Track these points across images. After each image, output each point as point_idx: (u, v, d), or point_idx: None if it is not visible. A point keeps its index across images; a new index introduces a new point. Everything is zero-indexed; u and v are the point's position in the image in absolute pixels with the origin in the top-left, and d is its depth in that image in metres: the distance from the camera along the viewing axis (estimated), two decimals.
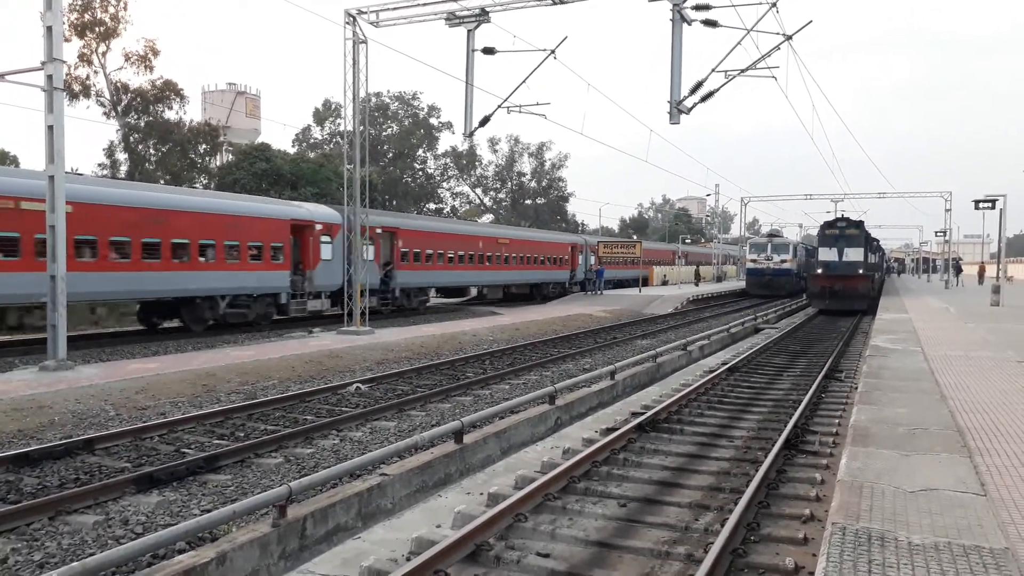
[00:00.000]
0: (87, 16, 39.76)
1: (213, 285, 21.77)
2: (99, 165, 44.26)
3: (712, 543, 5.83)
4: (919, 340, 16.77)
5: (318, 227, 25.41)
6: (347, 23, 20.61)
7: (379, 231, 27.81)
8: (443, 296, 40.74)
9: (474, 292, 42.46)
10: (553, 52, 19.42)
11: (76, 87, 39.70)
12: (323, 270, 25.43)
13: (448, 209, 77.48)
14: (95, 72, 41.13)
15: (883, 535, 4.98)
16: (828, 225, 34.15)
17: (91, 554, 5.97)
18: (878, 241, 46.03)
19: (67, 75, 35.02)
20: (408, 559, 5.79)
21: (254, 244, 23.04)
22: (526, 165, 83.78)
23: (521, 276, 40.48)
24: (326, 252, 25.58)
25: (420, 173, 75.13)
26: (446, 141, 76.23)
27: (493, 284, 39.52)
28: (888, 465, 6.70)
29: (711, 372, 15.12)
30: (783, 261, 44.70)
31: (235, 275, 22.39)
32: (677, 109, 16.84)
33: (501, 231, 42.82)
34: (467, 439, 9.35)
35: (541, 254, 41.88)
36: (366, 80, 21.22)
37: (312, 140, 70.59)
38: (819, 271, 33.21)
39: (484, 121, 21.10)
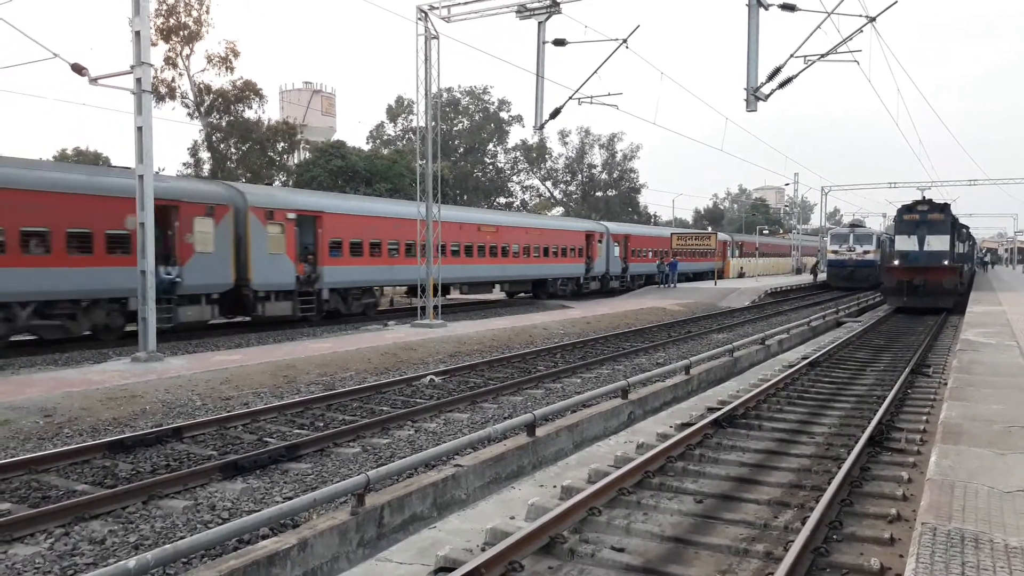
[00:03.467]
0: (172, 20, 41.37)
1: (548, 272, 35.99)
2: (183, 164, 46.12)
3: (792, 541, 5.68)
4: (1014, 334, 15.93)
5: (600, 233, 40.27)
6: (419, 19, 20.83)
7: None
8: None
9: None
10: (625, 42, 19.20)
11: (162, 89, 41.38)
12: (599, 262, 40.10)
13: (518, 203, 77.66)
14: (180, 74, 42.80)
15: (977, 536, 4.75)
16: (906, 209, 29.13)
17: (182, 537, 6.23)
18: (967, 228, 40.97)
19: (154, 78, 36.51)
20: (483, 549, 5.83)
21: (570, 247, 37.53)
22: (597, 157, 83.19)
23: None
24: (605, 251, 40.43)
25: (490, 167, 75.51)
26: (516, 134, 76.36)
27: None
28: (982, 464, 6.39)
29: (790, 367, 14.72)
30: (866, 252, 42.90)
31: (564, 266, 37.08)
32: (754, 96, 16.43)
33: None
34: (539, 432, 9.36)
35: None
36: (438, 76, 21.42)
37: (385, 136, 71.77)
38: (896, 262, 28.67)
39: (555, 113, 21.04)
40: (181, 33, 41.78)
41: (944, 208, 28.99)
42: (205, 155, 45.41)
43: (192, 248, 19.75)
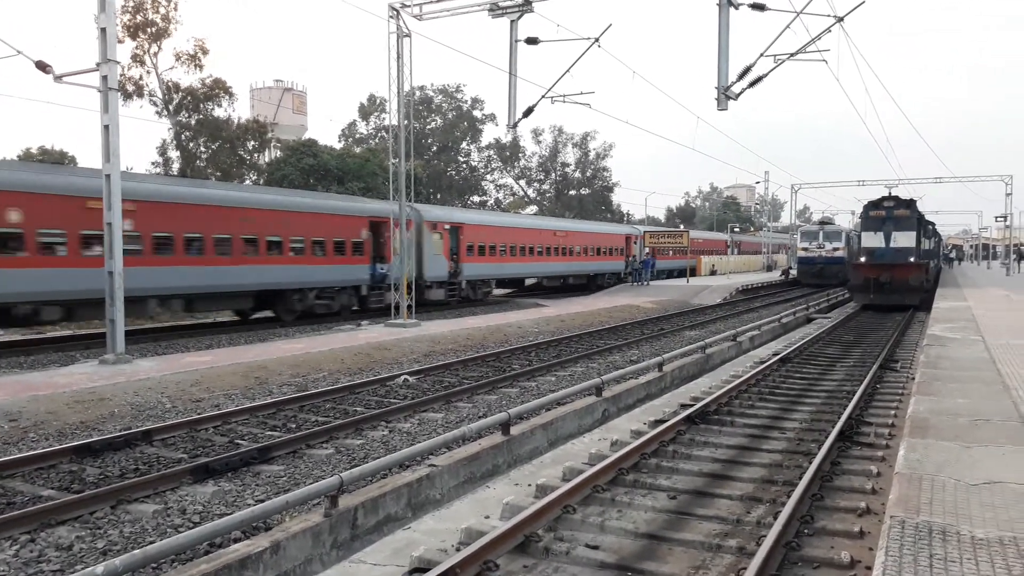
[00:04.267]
0: (139, 17, 40.68)
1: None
2: (152, 163, 45.41)
3: (765, 536, 5.74)
4: (979, 328, 16.24)
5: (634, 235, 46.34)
6: (391, 17, 20.71)
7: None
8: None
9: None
10: (597, 40, 19.24)
11: (130, 87, 40.67)
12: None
13: (492, 201, 77.59)
14: (147, 72, 42.05)
15: (944, 529, 4.83)
16: (873, 205, 28.59)
17: (151, 542, 6.14)
18: (934, 225, 40.77)
19: (121, 75, 35.90)
20: (458, 549, 5.82)
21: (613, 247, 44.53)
22: (570, 155, 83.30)
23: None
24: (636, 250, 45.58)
25: (464, 166, 75.35)
26: (489, 133, 76.21)
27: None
28: (949, 457, 6.50)
29: (762, 363, 14.88)
30: (835, 249, 43.44)
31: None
32: (725, 95, 16.56)
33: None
34: (514, 431, 9.36)
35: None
36: (410, 74, 21.33)
37: (358, 135, 71.28)
38: (862, 259, 28.23)
39: (528, 112, 21.04)
40: (149, 30, 41.07)
41: (910, 204, 28.61)
42: (174, 154, 44.77)
43: (392, 250, 26.48)
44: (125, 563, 4.84)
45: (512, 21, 20.08)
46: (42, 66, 14.43)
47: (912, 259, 27.62)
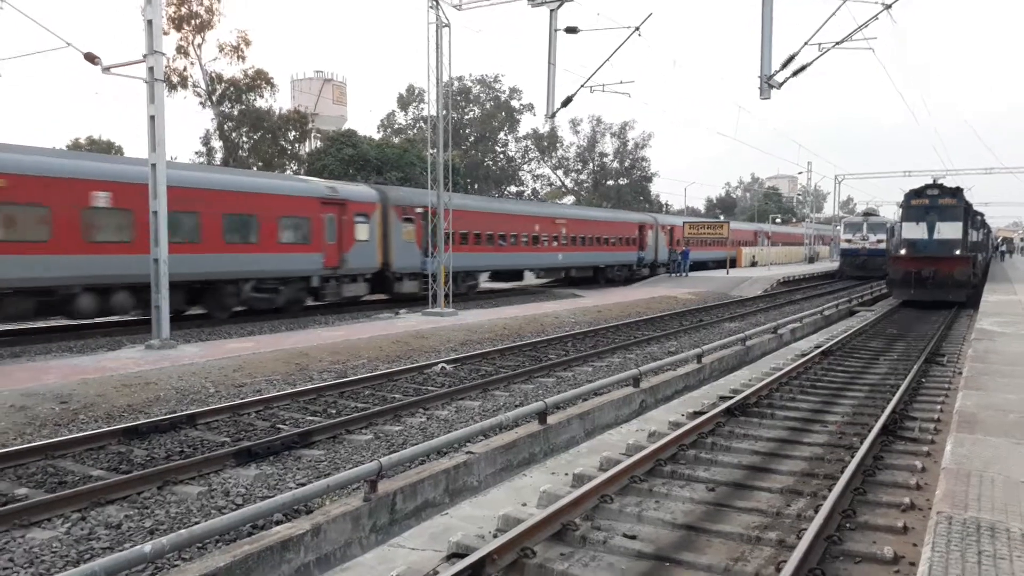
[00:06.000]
0: (184, 9, 41.43)
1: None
2: (196, 153, 46.25)
3: (805, 529, 5.66)
4: None
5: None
6: (430, 7, 20.75)
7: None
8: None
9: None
10: (638, 29, 19.06)
11: (175, 78, 41.46)
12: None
13: (529, 191, 77.49)
14: (191, 63, 42.91)
15: (993, 525, 4.72)
16: (915, 194, 26.22)
17: (197, 522, 6.28)
18: (982, 216, 37.54)
19: (166, 67, 36.54)
20: (495, 536, 5.84)
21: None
22: (608, 145, 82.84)
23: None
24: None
25: (501, 156, 75.34)
26: (527, 123, 76.08)
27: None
28: (998, 453, 6.34)
29: (803, 356, 14.65)
30: (879, 241, 42.44)
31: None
32: (768, 84, 16.28)
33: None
34: (551, 420, 9.37)
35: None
36: (449, 64, 21.38)
37: (396, 125, 71.71)
38: (902, 251, 25.88)
39: (566, 102, 20.92)
40: (193, 22, 41.84)
41: (956, 192, 26.02)
42: (217, 144, 45.56)
43: (647, 243, 43.48)
44: (172, 542, 4.96)
45: (551, 10, 19.96)
46: (91, 57, 14.75)
47: (957, 252, 25.39)
